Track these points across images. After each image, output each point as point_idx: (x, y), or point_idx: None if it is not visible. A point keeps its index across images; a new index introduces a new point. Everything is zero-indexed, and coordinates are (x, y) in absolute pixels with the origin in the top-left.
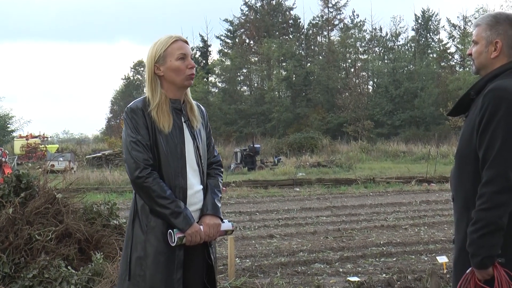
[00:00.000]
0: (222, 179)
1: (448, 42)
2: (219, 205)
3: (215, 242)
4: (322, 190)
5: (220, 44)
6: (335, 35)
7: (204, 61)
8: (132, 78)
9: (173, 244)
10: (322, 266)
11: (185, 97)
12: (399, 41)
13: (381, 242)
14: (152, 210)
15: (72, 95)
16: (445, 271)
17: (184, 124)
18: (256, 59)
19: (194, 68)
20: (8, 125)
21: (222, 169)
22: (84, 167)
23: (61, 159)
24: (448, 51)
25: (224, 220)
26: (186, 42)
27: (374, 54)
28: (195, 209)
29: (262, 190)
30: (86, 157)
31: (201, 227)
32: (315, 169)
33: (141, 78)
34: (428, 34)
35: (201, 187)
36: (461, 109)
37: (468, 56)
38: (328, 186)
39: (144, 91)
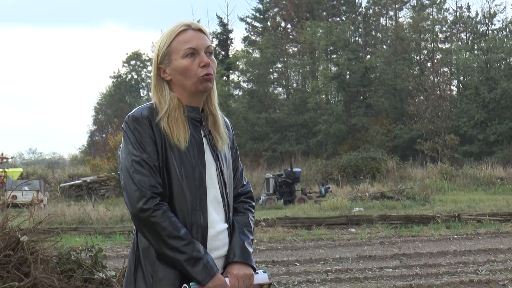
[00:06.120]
0: (254, 216)
1: None
2: (251, 250)
3: None
4: (388, 232)
5: (246, 29)
6: (404, 16)
7: (223, 53)
8: (124, 76)
9: None
10: None
11: (206, 105)
12: (495, 25)
13: None
14: (160, 255)
15: (41, 99)
16: None
17: (204, 139)
18: (296, 49)
19: (210, 66)
20: None
21: (253, 203)
22: (58, 199)
23: (26, 188)
24: None
25: (257, 270)
26: (201, 30)
27: (460, 43)
28: (218, 255)
29: (303, 232)
30: (61, 185)
31: (227, 279)
32: (377, 202)
33: (136, 77)
34: None
35: (226, 226)
36: None
37: None
38: (396, 226)
39: (150, 93)
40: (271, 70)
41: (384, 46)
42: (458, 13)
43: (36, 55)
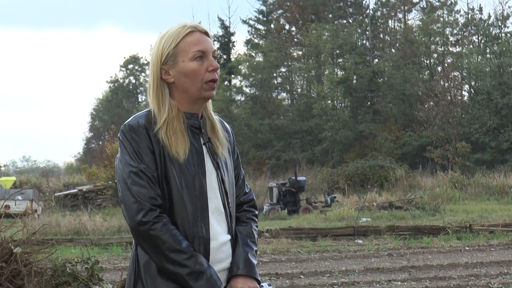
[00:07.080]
0: (257, 226)
1: None
2: (255, 261)
3: None
4: (396, 243)
5: (248, 32)
6: (414, 18)
7: (225, 57)
8: (122, 80)
9: None
10: None
11: (204, 111)
12: (508, 27)
13: None
14: (162, 269)
15: (35, 104)
16: None
17: (203, 147)
18: (300, 53)
19: (217, 72)
20: None
21: (256, 212)
22: (52, 209)
23: (19, 197)
24: None
25: (262, 283)
26: (207, 34)
27: (471, 46)
28: (221, 268)
29: (308, 243)
30: (56, 194)
31: None
32: (385, 213)
33: (134, 81)
34: None
35: (229, 237)
36: None
37: None
38: (405, 237)
39: (146, 99)
40: (274, 74)
41: (393, 50)
42: (469, 15)
43: (30, 58)
